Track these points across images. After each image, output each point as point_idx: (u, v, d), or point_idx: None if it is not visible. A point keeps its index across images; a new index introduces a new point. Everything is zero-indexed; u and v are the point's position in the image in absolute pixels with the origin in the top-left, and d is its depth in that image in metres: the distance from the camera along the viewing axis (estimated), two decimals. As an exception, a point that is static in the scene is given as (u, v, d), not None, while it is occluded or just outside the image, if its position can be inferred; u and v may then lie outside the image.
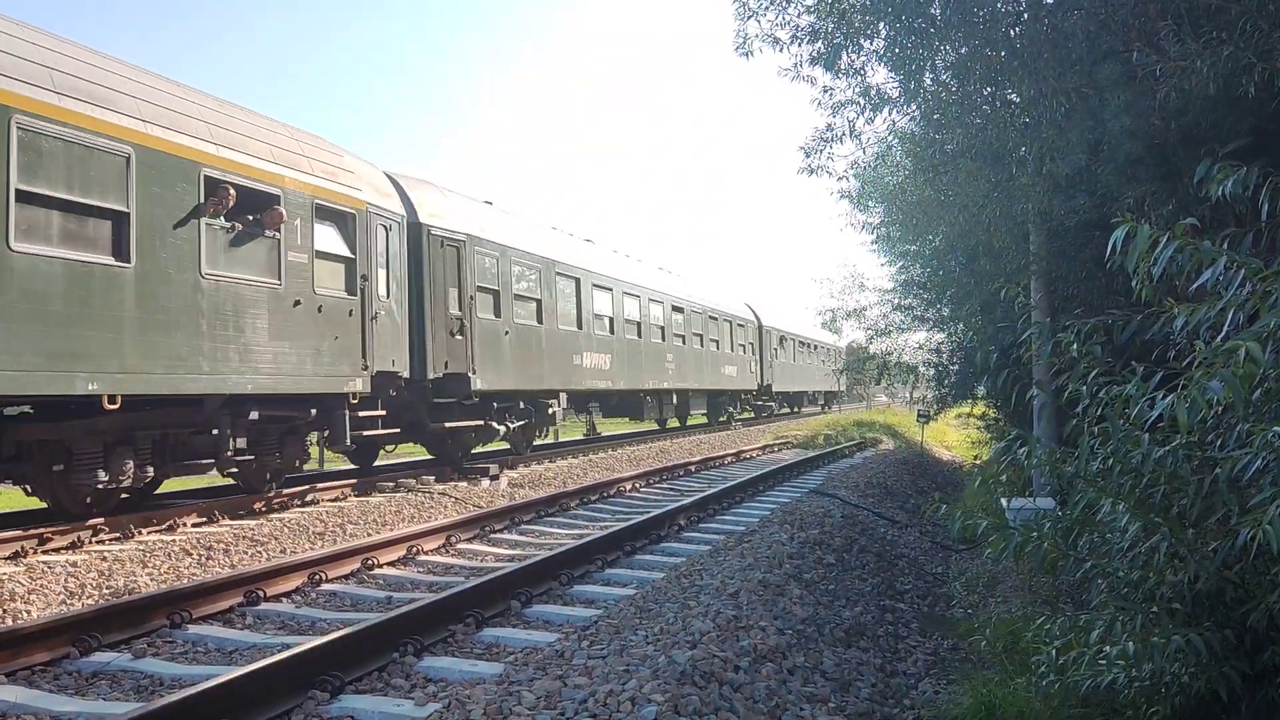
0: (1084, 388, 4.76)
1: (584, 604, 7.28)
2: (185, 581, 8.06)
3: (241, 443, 10.99)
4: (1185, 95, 6.33)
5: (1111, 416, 4.43)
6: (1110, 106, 7.16)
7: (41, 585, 7.78)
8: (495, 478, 15.49)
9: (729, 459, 21.70)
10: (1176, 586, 4.22)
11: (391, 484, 14.02)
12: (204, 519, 10.95)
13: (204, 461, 10.89)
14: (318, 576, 8.00)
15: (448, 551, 9.69)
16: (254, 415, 11.02)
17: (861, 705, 5.28)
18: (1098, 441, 4.56)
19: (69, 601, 7.60)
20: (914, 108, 10.00)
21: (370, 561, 8.68)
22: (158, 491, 12.98)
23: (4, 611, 7.19)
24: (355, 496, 13.14)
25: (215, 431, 10.59)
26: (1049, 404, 9.60)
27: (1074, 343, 4.93)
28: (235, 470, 11.67)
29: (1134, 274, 4.06)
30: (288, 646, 5.91)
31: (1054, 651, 4.64)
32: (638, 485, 15.71)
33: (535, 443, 19.64)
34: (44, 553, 9.11)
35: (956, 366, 17.81)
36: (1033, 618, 6.04)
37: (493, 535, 10.65)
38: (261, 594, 7.34)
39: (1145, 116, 7.00)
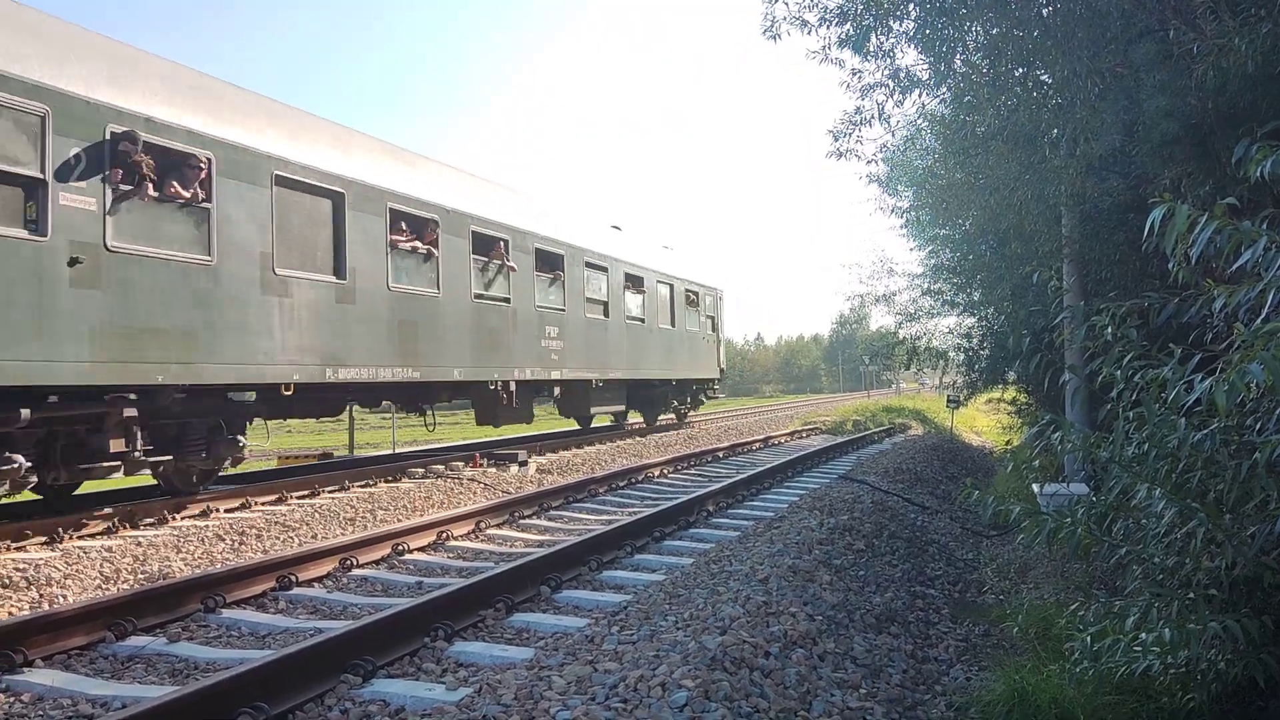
0: (1119, 371, 4.69)
1: (614, 589, 7.29)
2: (219, 566, 8.14)
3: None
4: (1223, 74, 6.21)
5: (1147, 400, 4.37)
6: (1146, 86, 7.05)
7: (77, 570, 7.89)
8: (524, 464, 15.53)
9: (757, 445, 21.67)
10: (1213, 572, 4.16)
11: (421, 470, 14.09)
12: (237, 504, 11.05)
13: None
14: (349, 561, 8.06)
15: (477, 537, 9.73)
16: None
17: (893, 691, 5.25)
18: (1133, 426, 4.50)
19: (104, 586, 7.70)
20: (944, 90, 9.89)
21: (401, 547, 8.73)
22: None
23: (40, 596, 7.30)
24: (385, 483, 13.21)
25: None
26: (1082, 388, 9.50)
27: (1109, 326, 4.87)
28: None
29: (1171, 255, 3.99)
30: (320, 631, 5.96)
31: (1089, 638, 4.58)
32: (666, 471, 15.71)
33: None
34: (79, 538, 9.23)
35: (987, 351, 17.67)
36: (1066, 604, 5.99)
37: (522, 521, 10.68)
38: (294, 579, 7.40)
39: (1182, 96, 6.88)
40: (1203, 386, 3.69)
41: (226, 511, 10.85)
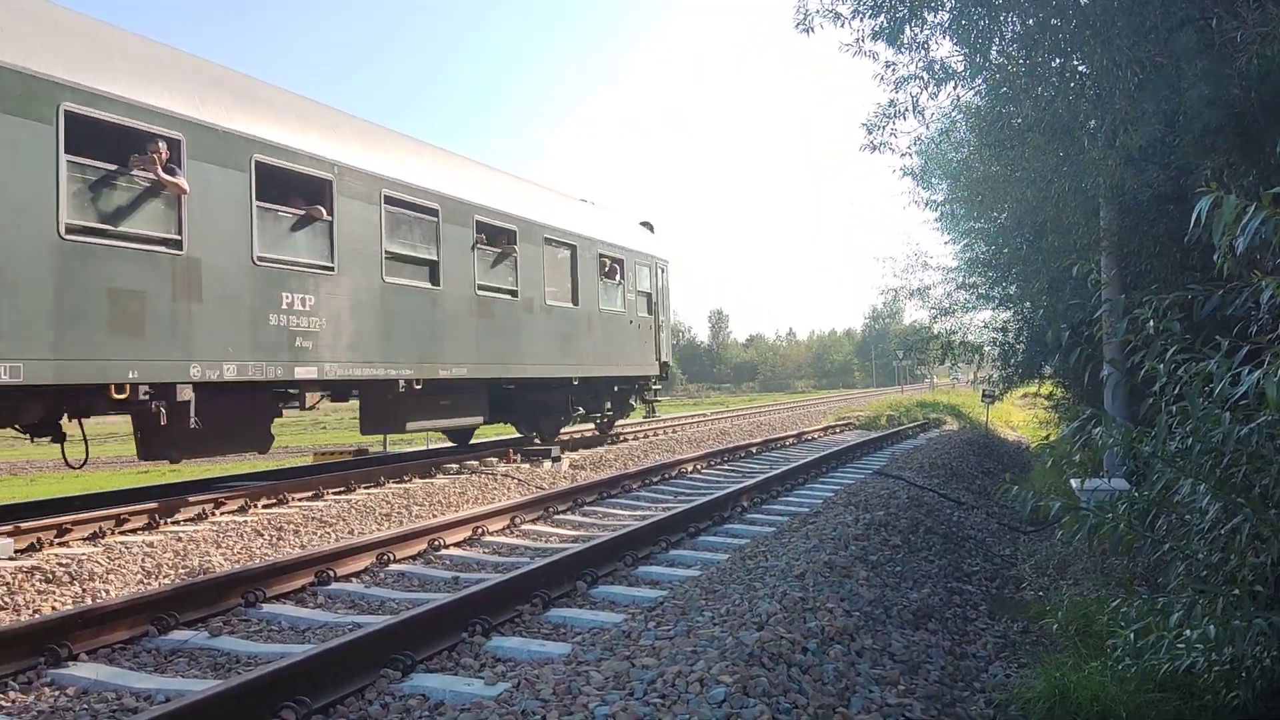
0: (1162, 365, 4.62)
1: (649, 585, 7.30)
2: (258, 561, 8.24)
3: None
4: (1266, 62, 6.11)
5: (1191, 394, 4.31)
6: (1187, 75, 6.95)
7: (120, 565, 8.00)
8: (557, 459, 15.59)
9: (790, 440, 21.60)
10: (1259, 568, 4.10)
11: (455, 465, 14.16)
12: (275, 500, 11.16)
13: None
14: (386, 557, 8.12)
15: (512, 532, 9.77)
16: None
17: (931, 688, 5.22)
18: (1176, 420, 4.44)
19: (146, 581, 7.80)
20: (979, 81, 9.80)
21: (437, 542, 8.78)
22: (227, 475, 13.30)
23: (83, 591, 7.41)
24: (420, 478, 13.30)
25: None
26: (1123, 382, 9.39)
27: (1150, 319, 4.80)
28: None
29: (1216, 246, 3.93)
30: (358, 626, 6.02)
31: (1131, 635, 4.53)
32: (699, 467, 15.70)
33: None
34: (121, 533, 9.36)
35: (1023, 345, 17.49)
36: (1106, 600, 5.92)
37: (556, 516, 10.71)
38: (332, 574, 7.46)
39: (1224, 85, 6.78)
40: (1250, 379, 3.64)
41: (264, 507, 10.97)
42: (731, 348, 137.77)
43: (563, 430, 18.72)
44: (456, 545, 9.03)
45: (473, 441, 18.67)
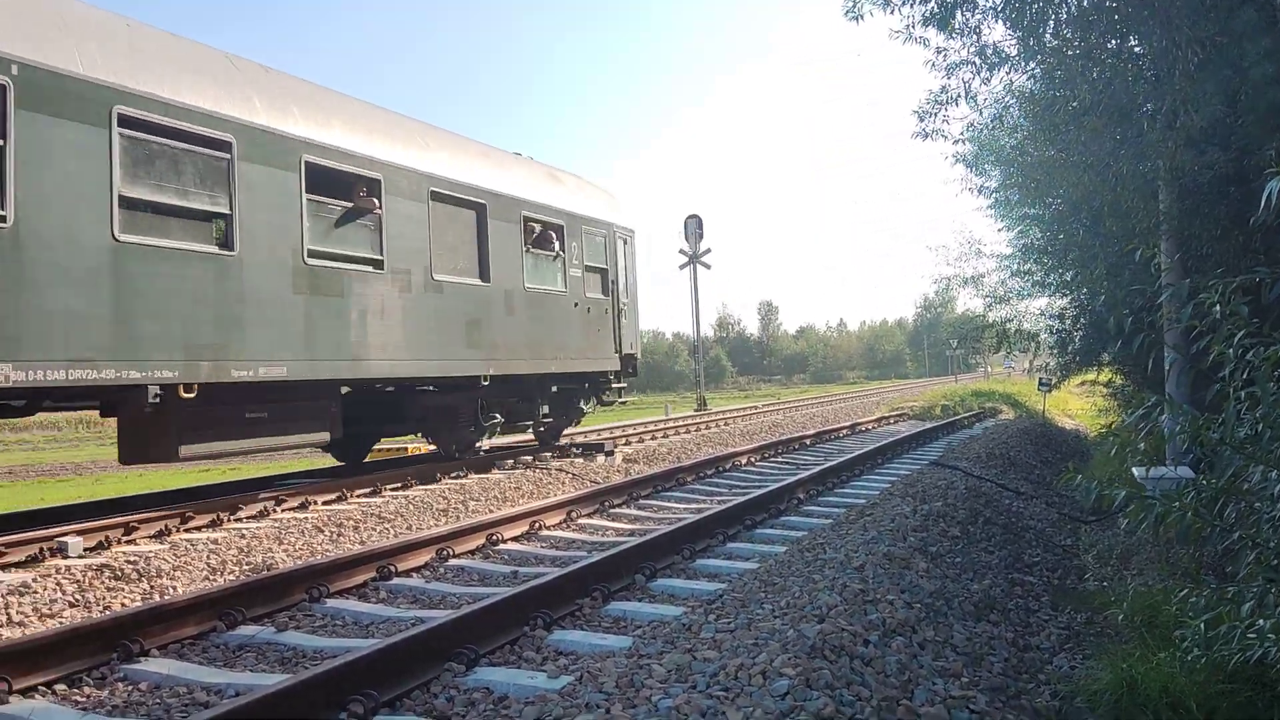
0: (1230, 350, 4.54)
1: (707, 578, 7.31)
2: (320, 557, 8.36)
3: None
4: (1333, 38, 5.96)
5: (1261, 379, 4.23)
6: (1250, 54, 6.79)
7: (185, 562, 8.17)
8: (610, 453, 15.64)
9: (844, 432, 21.47)
10: (1334, 557, 4.02)
11: (510, 461, 14.28)
12: (334, 497, 11.33)
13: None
14: (445, 552, 8.21)
15: (569, 526, 9.83)
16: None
17: (995, 680, 5.17)
18: (1245, 406, 4.36)
19: (211, 577, 7.97)
20: (1033, 65, 9.66)
21: (495, 537, 8.86)
22: (286, 473, 13.55)
23: (151, 587, 7.58)
24: (475, 474, 13.41)
25: None
26: (1186, 368, 9.21)
27: (1216, 303, 4.71)
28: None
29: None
30: (420, 620, 6.09)
31: (1201, 625, 4.46)
32: (753, 459, 15.68)
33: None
34: (186, 531, 9.56)
35: (1081, 332, 17.21)
36: (1174, 590, 5.83)
37: (612, 510, 10.76)
38: (393, 569, 7.56)
39: (1289, 63, 6.62)
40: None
41: (324, 504, 11.13)
42: (782, 339, 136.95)
43: (481, 443, 14.68)
44: (514, 540, 9.11)
45: (528, 438, 18.46)
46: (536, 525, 9.49)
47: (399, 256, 11.86)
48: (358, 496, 11.56)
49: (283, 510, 10.66)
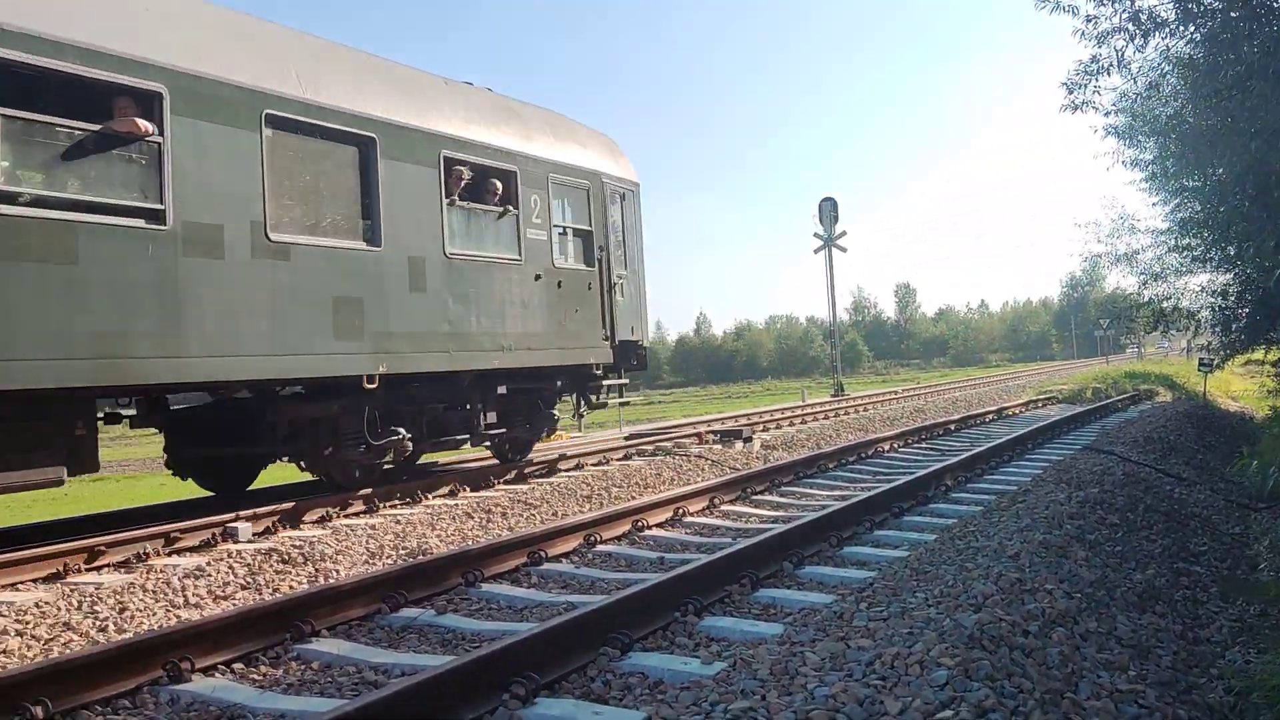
0: None
1: (856, 565, 7.24)
2: (471, 543, 8.62)
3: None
4: None
5: None
6: None
7: (346, 546, 8.54)
8: (748, 440, 15.63)
9: (990, 416, 20.91)
10: None
11: (650, 447, 14.42)
12: (482, 484, 11.65)
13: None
14: (592, 538, 8.36)
15: (712, 513, 9.87)
16: None
17: (1163, 673, 4.98)
18: None
19: (371, 561, 8.31)
20: (1192, 29, 9.22)
21: (640, 523, 8.97)
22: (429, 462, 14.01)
23: (316, 571, 7.95)
24: (617, 461, 13.59)
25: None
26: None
27: None
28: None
29: None
30: (572, 605, 6.22)
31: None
32: (895, 445, 15.42)
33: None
34: (345, 516, 9.98)
35: (1247, 309, 16.31)
36: (1360, 582, 5.50)
37: (754, 497, 10.75)
38: (543, 554, 7.74)
39: None
40: None
41: (472, 491, 11.46)
42: (920, 322, 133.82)
43: (359, 465, 10.65)
44: (659, 526, 9.20)
45: (666, 424, 18.64)
46: (680, 511, 9.57)
47: (197, 205, 8.37)
48: (503, 484, 11.86)
49: (433, 497, 11.03)
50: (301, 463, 10.79)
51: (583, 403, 13.83)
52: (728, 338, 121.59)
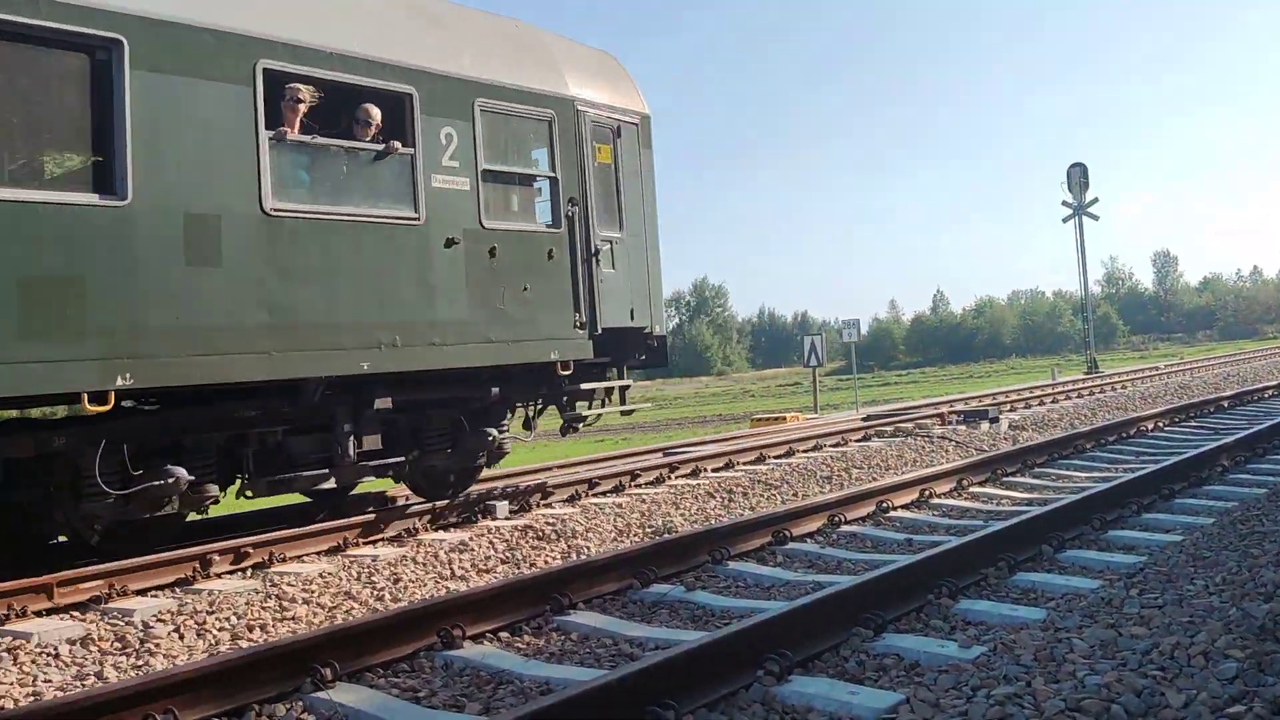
0: None
1: (1122, 549, 6.80)
2: (714, 522, 8.73)
3: None
4: None
5: None
6: None
7: (595, 524, 8.86)
8: (995, 420, 15.03)
9: (1270, 393, 19.14)
10: None
11: (890, 429, 14.12)
12: (722, 465, 11.78)
13: None
14: (836, 518, 8.27)
15: (960, 495, 9.55)
16: None
17: None
18: None
19: (619, 538, 8.57)
20: None
21: (884, 504, 8.80)
22: (672, 444, 14.17)
23: (568, 547, 8.29)
24: (855, 442, 13.39)
25: None
26: None
27: None
28: None
29: None
30: (819, 585, 6.17)
31: None
32: (1160, 424, 14.39)
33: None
34: (593, 496, 10.33)
35: None
36: None
37: (1005, 479, 10.31)
38: (787, 534, 7.72)
39: None
40: None
41: (713, 471, 11.60)
42: (1182, 293, 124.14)
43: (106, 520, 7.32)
44: (904, 507, 8.98)
45: (902, 406, 18.22)
46: (926, 493, 9.30)
47: None
48: (743, 465, 11.94)
49: (676, 477, 11.23)
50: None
51: (536, 416, 10.53)
52: (967, 315, 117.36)
